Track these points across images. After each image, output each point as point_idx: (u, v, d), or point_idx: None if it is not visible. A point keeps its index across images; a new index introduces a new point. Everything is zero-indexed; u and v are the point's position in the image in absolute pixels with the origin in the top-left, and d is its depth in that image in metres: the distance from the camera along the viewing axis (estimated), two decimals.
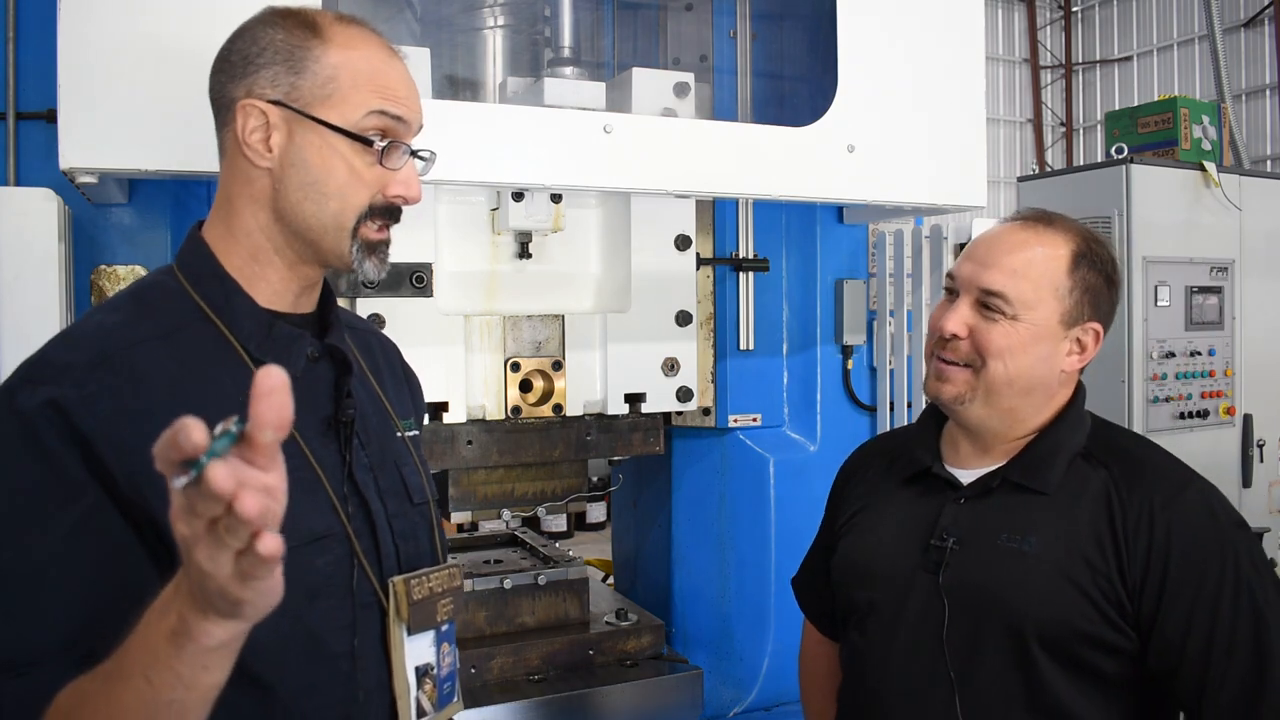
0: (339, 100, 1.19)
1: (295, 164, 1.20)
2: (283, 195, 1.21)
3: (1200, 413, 4.15)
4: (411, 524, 1.32)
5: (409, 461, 1.35)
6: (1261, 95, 15.11)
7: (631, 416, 2.45)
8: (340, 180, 1.20)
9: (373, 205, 1.22)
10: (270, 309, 1.23)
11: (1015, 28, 18.14)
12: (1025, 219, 1.52)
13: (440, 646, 1.30)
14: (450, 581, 1.32)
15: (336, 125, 1.18)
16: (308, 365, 1.24)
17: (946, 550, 1.47)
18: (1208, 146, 4.46)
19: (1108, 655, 1.39)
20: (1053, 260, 1.46)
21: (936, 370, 1.51)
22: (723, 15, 2.78)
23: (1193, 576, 1.36)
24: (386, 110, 1.20)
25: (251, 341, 1.20)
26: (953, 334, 1.47)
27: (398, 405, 1.40)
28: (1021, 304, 1.44)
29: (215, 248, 1.24)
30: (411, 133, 1.24)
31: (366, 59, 1.21)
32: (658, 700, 2.48)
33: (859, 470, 1.74)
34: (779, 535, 2.83)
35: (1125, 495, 1.42)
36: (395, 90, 1.21)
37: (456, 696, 1.35)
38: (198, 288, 1.21)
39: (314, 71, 1.19)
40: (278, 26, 1.21)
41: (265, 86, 1.19)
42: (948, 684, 1.43)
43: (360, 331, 1.45)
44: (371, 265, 1.24)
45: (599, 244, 2.47)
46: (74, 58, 1.65)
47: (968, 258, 1.51)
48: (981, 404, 1.48)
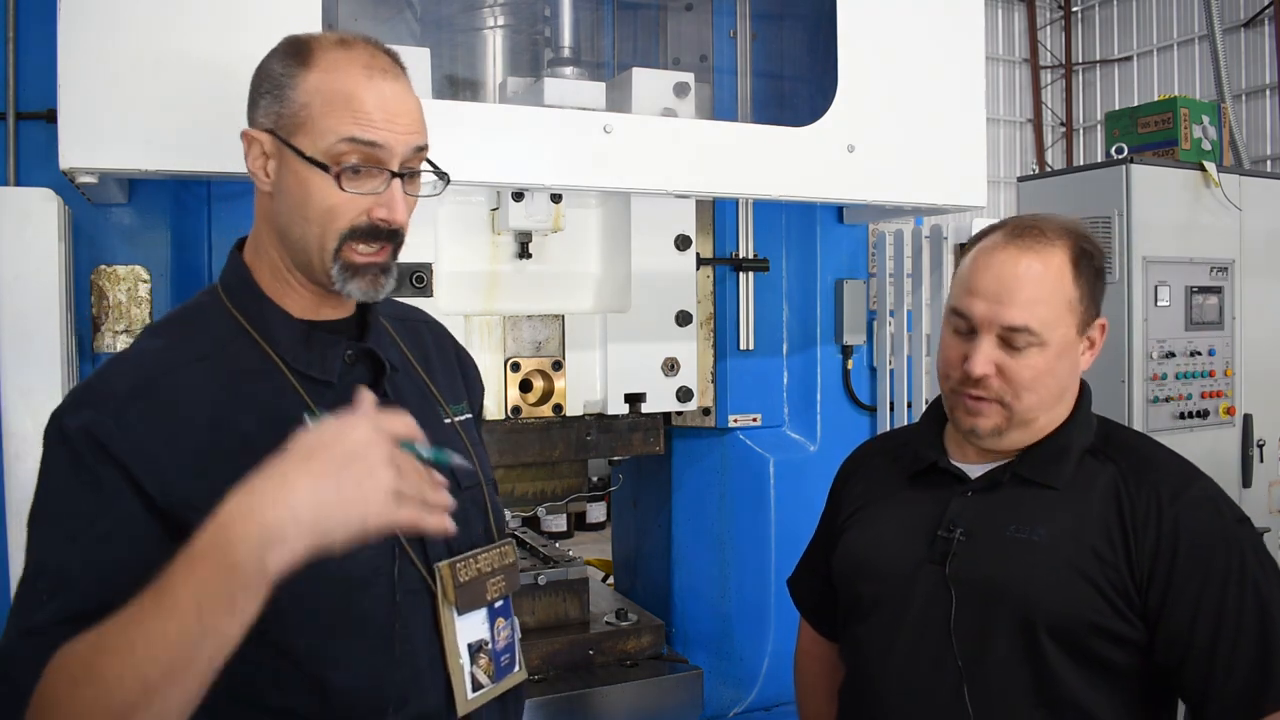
0: (310, 127, 1.22)
1: (283, 190, 1.25)
2: (278, 218, 1.27)
3: (1200, 413, 4.14)
4: (461, 509, 1.34)
5: (458, 447, 1.39)
6: (1261, 95, 15.11)
7: (631, 416, 2.45)
8: (317, 205, 1.23)
9: (354, 227, 1.24)
10: (305, 319, 1.30)
11: (1015, 28, 18.13)
12: (1018, 236, 1.49)
13: (494, 622, 1.36)
14: (501, 560, 1.39)
15: (303, 152, 1.22)
16: (345, 368, 1.30)
17: (954, 541, 1.47)
18: (1208, 146, 4.46)
19: (1116, 646, 1.40)
20: (1060, 276, 1.46)
21: (966, 406, 1.49)
22: (723, 15, 2.78)
23: (1199, 569, 1.38)
24: (356, 136, 1.21)
25: (289, 353, 1.28)
26: (982, 374, 1.46)
27: (448, 391, 1.46)
28: (1046, 329, 1.44)
29: (250, 265, 1.32)
30: (395, 157, 1.24)
31: (343, 84, 1.22)
32: (658, 700, 2.48)
33: (860, 468, 1.74)
34: (779, 535, 2.83)
35: (1133, 489, 1.43)
36: (370, 115, 1.22)
37: (518, 666, 1.42)
38: (236, 304, 1.29)
39: (291, 99, 1.23)
40: (275, 57, 1.28)
41: (261, 116, 1.26)
42: (955, 675, 1.43)
43: (410, 321, 1.51)
44: (357, 286, 1.26)
45: (599, 244, 2.47)
46: (74, 58, 1.65)
47: (977, 295, 1.47)
48: (1018, 429, 1.49)
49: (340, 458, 1.04)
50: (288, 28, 1.75)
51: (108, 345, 2.16)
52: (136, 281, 2.19)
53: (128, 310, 2.18)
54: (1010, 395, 1.46)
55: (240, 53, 1.72)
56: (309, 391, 1.27)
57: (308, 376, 1.28)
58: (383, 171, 1.23)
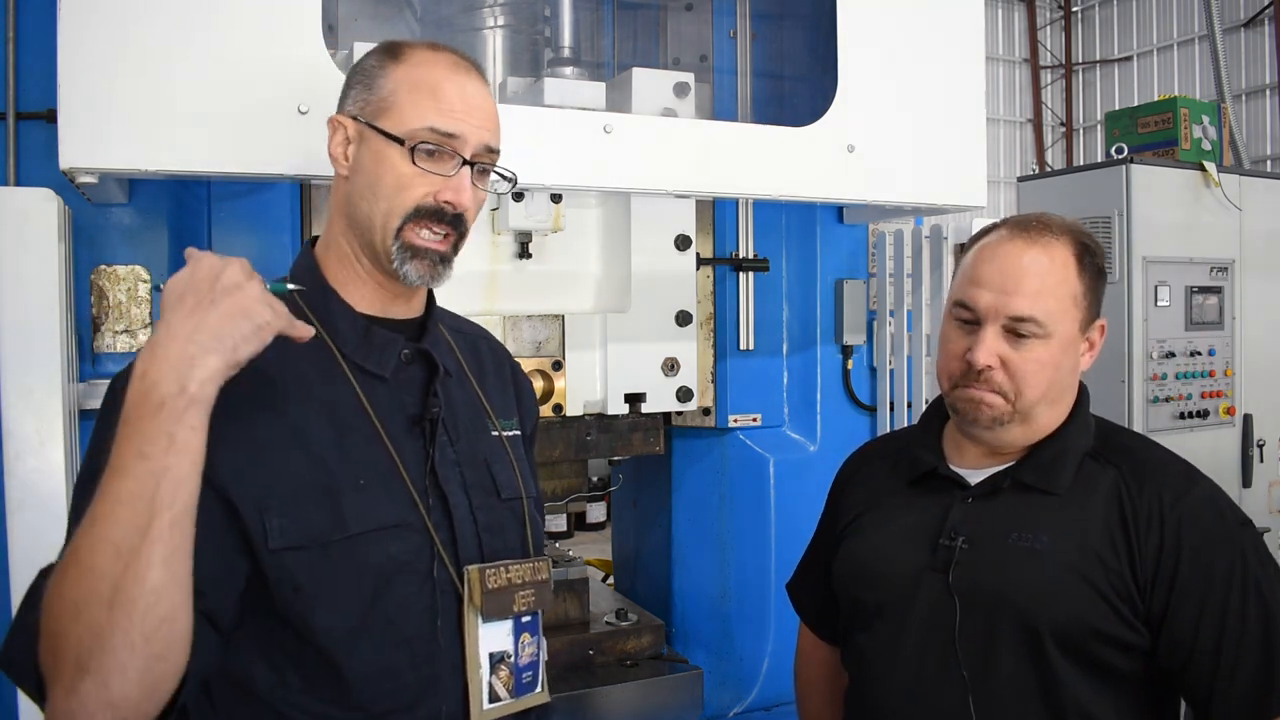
0: (395, 112, 1.29)
1: (360, 169, 1.32)
2: (351, 198, 1.33)
3: (1200, 413, 4.15)
4: (499, 518, 1.38)
5: (502, 459, 1.42)
6: (1261, 95, 15.11)
7: (631, 416, 2.45)
8: (389, 182, 1.29)
9: (420, 207, 1.29)
10: (368, 315, 1.35)
11: (1015, 28, 18.13)
12: (1022, 231, 1.49)
13: (519, 636, 1.36)
14: (534, 575, 1.38)
15: (386, 130, 1.28)
16: (400, 366, 1.34)
17: (955, 549, 1.46)
18: (1208, 146, 4.46)
19: (1121, 652, 1.40)
20: (1065, 269, 1.46)
21: (969, 397, 1.48)
22: (723, 15, 2.78)
23: (1202, 573, 1.37)
24: (435, 125, 1.28)
25: (348, 345, 1.32)
26: (986, 366, 1.45)
27: (500, 406, 1.48)
28: (1051, 321, 1.44)
29: (320, 258, 1.37)
30: (469, 146, 1.31)
31: (429, 76, 1.31)
32: (658, 700, 2.48)
33: (858, 474, 1.73)
34: (779, 535, 2.83)
35: (1135, 493, 1.43)
36: (451, 105, 1.30)
37: (540, 687, 1.40)
38: (303, 296, 1.32)
39: (381, 87, 1.31)
40: (372, 54, 1.36)
41: (349, 104, 1.34)
42: (960, 684, 1.43)
43: (470, 335, 1.55)
44: (414, 269, 1.31)
45: (599, 244, 2.47)
46: (74, 58, 1.65)
47: (982, 285, 1.46)
48: (1019, 424, 1.48)
49: (203, 285, 1.10)
50: (288, 28, 1.77)
51: (108, 345, 2.16)
52: (136, 281, 2.19)
53: (128, 310, 2.18)
54: (1013, 389, 1.45)
55: (241, 53, 1.74)
56: (361, 383, 1.30)
57: (362, 369, 1.31)
58: (455, 157, 1.30)
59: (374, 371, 1.32)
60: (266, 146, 1.75)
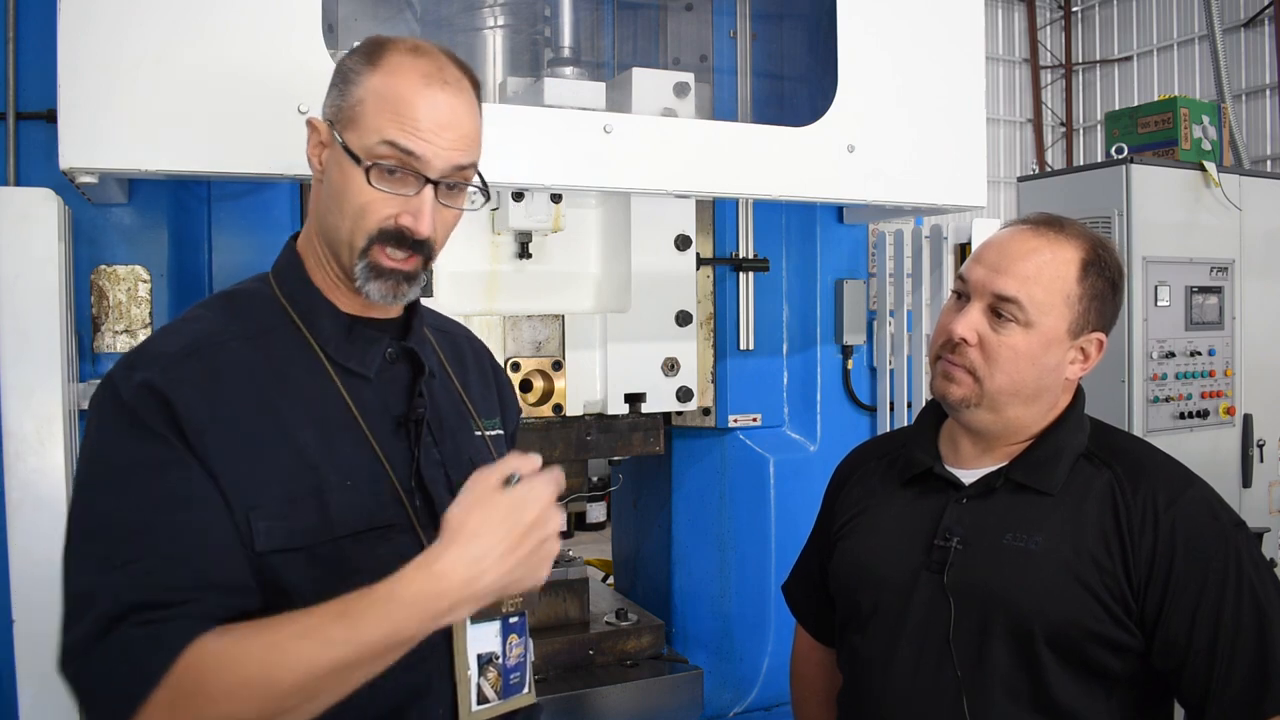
0: (360, 124, 1.24)
1: (329, 179, 1.28)
2: (321, 205, 1.30)
3: (1200, 413, 4.14)
4: None
5: (486, 459, 1.38)
6: (1261, 95, 15.10)
7: (631, 416, 2.45)
8: (352, 199, 1.24)
9: (383, 230, 1.24)
10: (351, 314, 1.32)
11: (1015, 28, 18.13)
12: (1035, 223, 1.51)
13: (507, 637, 1.36)
14: None
15: (345, 145, 1.23)
16: (384, 366, 1.32)
17: (950, 549, 1.47)
18: (1208, 146, 4.46)
19: (1115, 654, 1.40)
20: (1065, 267, 1.46)
21: (944, 371, 1.50)
22: (723, 15, 2.78)
23: (1196, 575, 1.37)
24: (396, 141, 1.22)
25: (331, 344, 1.29)
26: (962, 338, 1.46)
27: (482, 405, 1.47)
28: (1035, 310, 1.44)
29: (301, 254, 1.34)
30: (432, 167, 1.24)
31: (398, 88, 1.23)
32: (658, 700, 2.48)
33: (854, 474, 1.73)
34: (779, 535, 2.83)
35: (1129, 494, 1.42)
36: (416, 123, 1.22)
37: (527, 688, 1.40)
38: (285, 292, 1.31)
39: (351, 94, 1.25)
40: (353, 52, 1.30)
41: (326, 106, 1.29)
42: (954, 684, 1.43)
43: (451, 335, 1.53)
44: (375, 289, 1.26)
45: (599, 244, 2.47)
46: (74, 58, 1.65)
47: (979, 262, 1.49)
48: (987, 410, 1.49)
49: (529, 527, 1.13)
50: (287, 28, 1.76)
51: (108, 345, 2.16)
52: (136, 281, 2.19)
53: (128, 310, 2.18)
54: (983, 369, 1.45)
55: (240, 53, 1.74)
56: (345, 383, 1.28)
57: (346, 369, 1.29)
58: (417, 178, 1.23)
59: (358, 371, 1.30)
60: (266, 146, 1.75)
